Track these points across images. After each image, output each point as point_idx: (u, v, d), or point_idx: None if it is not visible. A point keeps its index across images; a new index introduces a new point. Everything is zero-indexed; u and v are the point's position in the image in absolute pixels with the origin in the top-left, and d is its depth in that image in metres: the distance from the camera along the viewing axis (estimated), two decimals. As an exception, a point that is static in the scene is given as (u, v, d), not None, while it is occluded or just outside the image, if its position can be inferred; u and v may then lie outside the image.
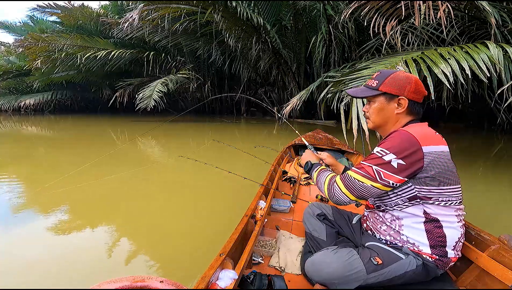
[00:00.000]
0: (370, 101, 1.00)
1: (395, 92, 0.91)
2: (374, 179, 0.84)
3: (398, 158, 0.81)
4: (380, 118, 0.97)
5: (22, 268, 1.47)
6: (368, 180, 0.85)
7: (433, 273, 0.87)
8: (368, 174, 0.86)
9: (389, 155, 0.83)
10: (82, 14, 10.89)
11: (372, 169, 0.85)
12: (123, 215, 2.19)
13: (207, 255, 1.09)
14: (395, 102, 0.93)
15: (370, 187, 0.85)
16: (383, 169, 0.83)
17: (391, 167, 0.82)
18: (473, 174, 3.07)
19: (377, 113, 0.97)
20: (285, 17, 7.47)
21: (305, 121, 8.47)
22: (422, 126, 0.90)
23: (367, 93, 0.98)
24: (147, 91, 8.34)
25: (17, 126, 9.31)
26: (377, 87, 0.94)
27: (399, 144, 0.82)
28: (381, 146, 0.86)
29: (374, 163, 0.85)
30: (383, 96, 0.94)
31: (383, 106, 0.95)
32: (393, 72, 0.94)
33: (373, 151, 0.88)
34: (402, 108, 0.92)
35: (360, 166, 0.89)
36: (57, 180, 2.76)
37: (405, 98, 0.91)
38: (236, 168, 1.94)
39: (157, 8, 6.54)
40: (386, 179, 0.83)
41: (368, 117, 1.02)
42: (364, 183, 0.86)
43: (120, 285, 0.55)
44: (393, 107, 0.93)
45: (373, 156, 0.87)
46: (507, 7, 3.70)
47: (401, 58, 3.05)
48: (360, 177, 0.87)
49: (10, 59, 15.77)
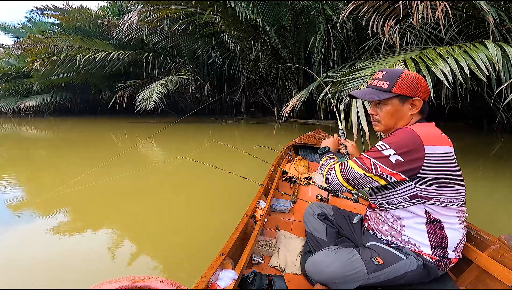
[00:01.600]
0: (381, 103, 0.94)
1: (409, 93, 0.88)
2: (368, 170, 0.87)
3: (397, 154, 0.81)
4: (393, 121, 0.93)
5: (22, 268, 1.47)
6: (363, 170, 0.88)
7: (434, 273, 0.87)
8: (364, 165, 0.88)
9: (388, 150, 0.84)
10: (80, 15, 10.88)
11: (370, 162, 0.87)
12: (123, 215, 2.19)
13: (207, 255, 1.09)
14: (409, 103, 0.90)
15: (362, 176, 0.88)
16: (380, 162, 0.85)
17: (389, 161, 0.83)
18: (473, 173, 3.07)
19: (390, 116, 0.93)
20: (284, 17, 7.48)
21: (305, 121, 8.47)
22: (429, 125, 0.90)
23: (380, 96, 0.91)
24: (147, 92, 8.34)
25: (17, 129, 9.31)
26: (390, 89, 0.89)
27: (401, 140, 0.82)
28: (383, 140, 0.87)
29: (373, 156, 0.87)
30: (397, 98, 0.90)
31: (398, 108, 0.91)
32: (402, 72, 0.90)
33: (376, 145, 0.89)
34: (417, 109, 0.90)
35: (360, 157, 0.91)
36: (62, 186, 2.76)
37: (419, 99, 0.89)
38: (236, 168, 1.94)
39: (156, 9, 6.54)
40: (380, 172, 0.85)
41: (378, 120, 0.97)
42: (358, 171, 0.88)
43: (120, 285, 0.55)
44: (407, 109, 0.91)
45: (374, 149, 0.88)
46: (504, 6, 3.70)
47: (400, 57, 3.06)
48: (356, 166, 0.89)
49: (9, 61, 15.77)
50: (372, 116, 1.00)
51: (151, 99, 8.04)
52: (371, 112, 0.99)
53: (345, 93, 3.08)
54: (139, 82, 10.51)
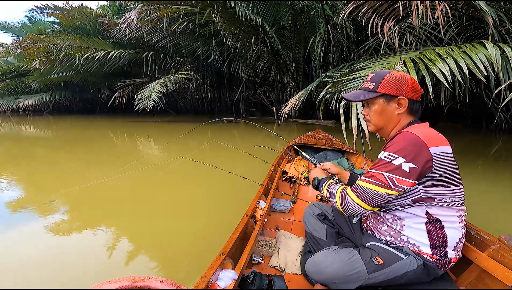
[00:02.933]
0: (369, 104, 0.98)
1: (394, 92, 0.91)
2: (387, 187, 0.81)
3: (408, 161, 0.79)
4: (382, 120, 0.96)
5: (22, 268, 1.46)
6: (382, 188, 0.82)
7: (434, 273, 0.87)
8: (380, 181, 0.82)
9: (398, 159, 0.80)
10: (80, 14, 10.85)
11: (384, 177, 0.82)
12: (123, 215, 2.18)
13: (207, 255, 1.08)
14: (395, 102, 0.93)
15: (385, 195, 0.82)
16: (395, 174, 0.80)
17: (403, 171, 0.79)
18: (472, 173, 3.07)
19: (378, 115, 0.96)
20: (284, 17, 7.47)
21: (305, 121, 8.48)
22: (424, 126, 0.90)
23: (365, 96, 0.96)
24: (146, 91, 8.32)
25: (16, 127, 9.28)
26: (375, 89, 0.94)
27: (407, 147, 0.80)
28: (387, 150, 0.84)
29: (385, 169, 0.82)
30: (382, 97, 0.94)
31: (384, 108, 0.94)
32: (388, 73, 0.93)
33: (380, 157, 0.85)
34: (403, 108, 0.92)
35: (370, 175, 0.85)
36: (68, 190, 2.74)
37: (404, 98, 0.91)
38: (236, 168, 1.94)
39: (155, 8, 6.53)
40: (400, 185, 0.80)
41: (368, 120, 1.01)
42: (378, 191, 0.82)
43: (120, 285, 0.54)
44: (394, 108, 0.93)
45: (382, 162, 0.83)
46: (504, 7, 3.71)
47: (399, 58, 3.06)
48: (372, 186, 0.83)
49: (9, 60, 15.73)
50: (364, 117, 1.03)
51: (150, 98, 8.01)
52: (363, 112, 1.03)
53: (344, 93, 3.08)
54: (139, 81, 10.48)
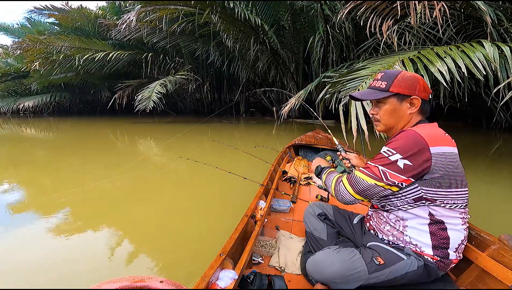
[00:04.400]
0: (380, 103, 0.96)
1: (407, 92, 0.90)
2: (379, 179, 0.85)
3: (404, 158, 0.81)
4: (392, 120, 0.95)
5: (23, 268, 1.46)
6: (373, 179, 0.86)
7: (434, 274, 0.87)
8: (373, 174, 0.86)
9: (395, 155, 0.82)
10: (79, 15, 10.84)
11: (378, 169, 0.85)
12: (123, 216, 2.18)
13: (207, 255, 1.09)
14: (408, 102, 0.92)
15: (373, 186, 0.86)
16: (389, 169, 0.83)
17: (397, 167, 0.82)
18: (472, 172, 3.07)
19: (389, 114, 0.95)
20: (283, 17, 7.47)
21: (304, 121, 8.48)
22: (431, 126, 0.90)
23: (377, 95, 0.94)
24: (146, 92, 8.32)
25: (17, 129, 9.28)
26: (387, 88, 0.92)
27: (406, 144, 0.81)
28: (388, 145, 0.86)
29: (380, 163, 0.85)
30: (394, 97, 0.92)
31: (396, 107, 0.93)
32: (400, 72, 0.92)
33: (380, 151, 0.88)
34: (415, 108, 0.91)
35: (367, 166, 0.89)
36: (68, 191, 2.74)
37: (418, 98, 0.90)
38: (236, 168, 1.94)
39: (154, 9, 6.53)
40: (391, 179, 0.83)
41: (378, 119, 0.99)
42: (368, 181, 0.87)
43: (120, 285, 0.55)
44: (406, 107, 0.92)
45: (380, 156, 0.87)
46: (502, 6, 3.72)
47: (398, 57, 3.07)
48: (365, 176, 0.87)
49: (8, 61, 15.73)
50: (372, 116, 1.02)
51: (150, 99, 8.01)
52: (372, 112, 1.01)
53: (344, 93, 3.09)
54: (139, 82, 10.47)
